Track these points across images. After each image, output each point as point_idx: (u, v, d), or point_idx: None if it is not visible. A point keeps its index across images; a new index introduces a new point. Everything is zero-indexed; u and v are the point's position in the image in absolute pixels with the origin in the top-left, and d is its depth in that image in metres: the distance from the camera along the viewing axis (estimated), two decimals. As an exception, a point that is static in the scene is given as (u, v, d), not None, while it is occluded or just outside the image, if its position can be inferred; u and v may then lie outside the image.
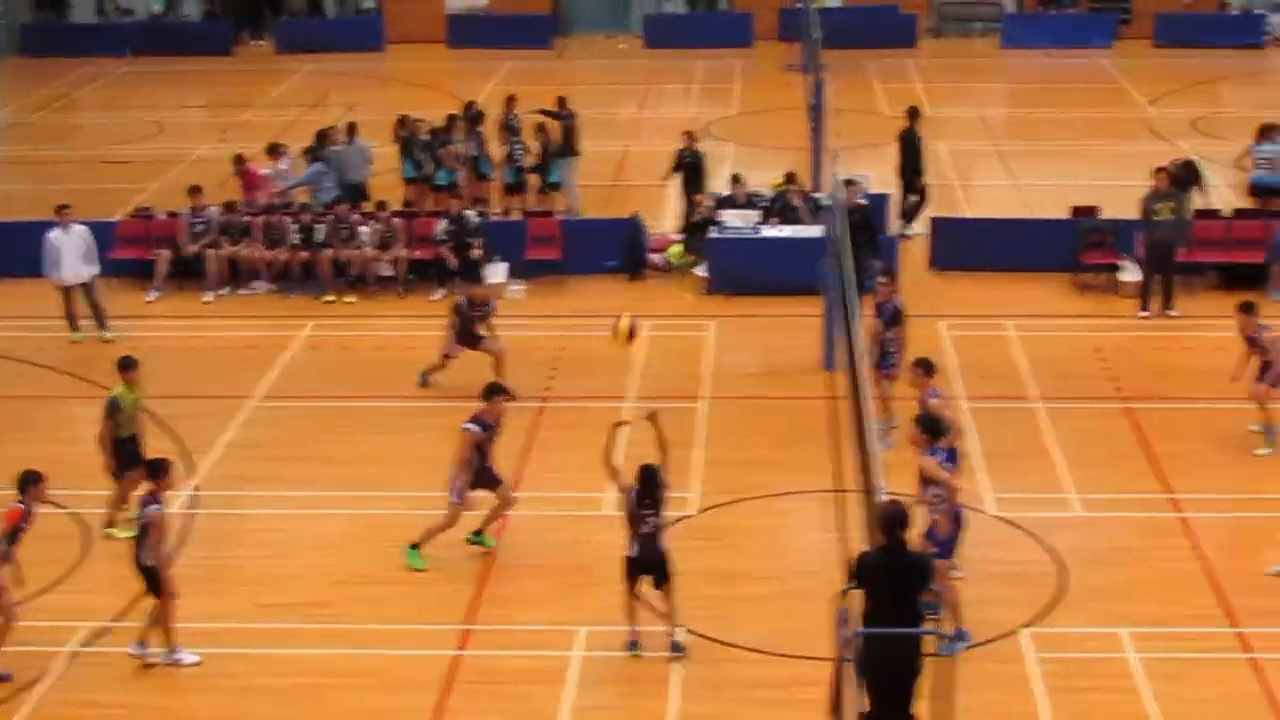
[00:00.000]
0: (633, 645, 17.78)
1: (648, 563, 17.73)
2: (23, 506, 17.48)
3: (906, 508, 14.23)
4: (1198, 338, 27.01)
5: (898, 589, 13.86)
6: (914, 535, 15.07)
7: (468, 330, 24.88)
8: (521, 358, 26.13)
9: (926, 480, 17.79)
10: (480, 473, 19.95)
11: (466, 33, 52.97)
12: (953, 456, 18.33)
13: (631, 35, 54.69)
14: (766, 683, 17.48)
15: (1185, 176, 31.18)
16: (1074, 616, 18.79)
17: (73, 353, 26.96)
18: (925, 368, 20.27)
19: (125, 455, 20.19)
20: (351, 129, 33.14)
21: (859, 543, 17.30)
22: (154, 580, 17.62)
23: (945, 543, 17.72)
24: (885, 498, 14.93)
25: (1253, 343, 22.67)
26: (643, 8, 55.18)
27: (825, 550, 20.04)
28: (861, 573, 14.06)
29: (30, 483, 17.62)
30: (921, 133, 32.80)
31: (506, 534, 20.69)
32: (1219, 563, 19.81)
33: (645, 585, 17.79)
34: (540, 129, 33.09)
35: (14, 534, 17.34)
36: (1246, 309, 22.93)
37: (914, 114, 33.03)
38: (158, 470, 18.11)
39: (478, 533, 20.21)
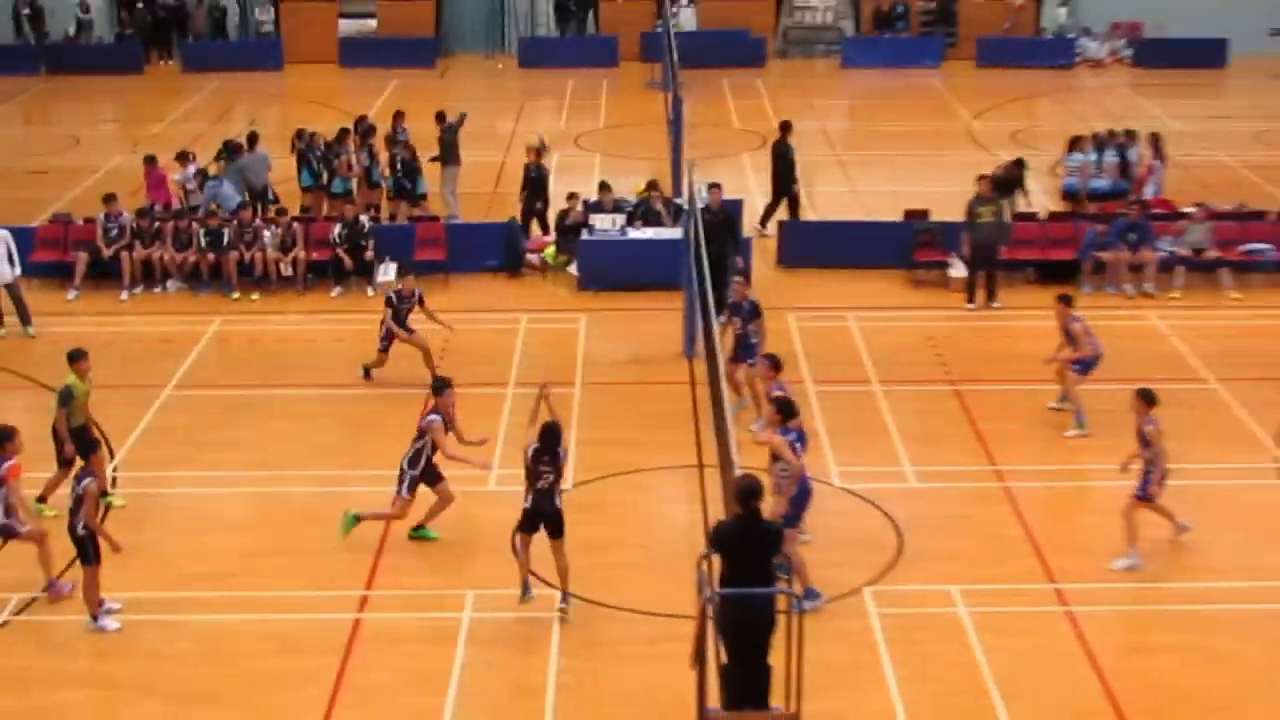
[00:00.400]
0: (526, 590, 17.85)
1: (541, 513, 17.74)
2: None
3: (759, 481, 14.37)
4: (1017, 327, 27.36)
5: (751, 554, 13.94)
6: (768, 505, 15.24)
7: (401, 321, 24.84)
8: (409, 349, 26.11)
9: (775, 457, 18.00)
10: (426, 468, 19.73)
11: (357, 53, 52.62)
12: (802, 437, 18.56)
13: (507, 55, 54.51)
14: (637, 639, 17.61)
15: (1011, 176, 31.70)
16: (910, 576, 19.02)
17: (-2, 347, 26.76)
18: (772, 363, 20.49)
19: (79, 443, 19.96)
20: (253, 139, 33.06)
21: (717, 513, 17.55)
22: (84, 549, 17.58)
23: (791, 513, 17.91)
24: (740, 472, 15.11)
25: (1066, 332, 23.10)
26: (517, 30, 55.03)
27: (687, 520, 20.23)
28: (719, 540, 14.18)
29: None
30: (793, 144, 33.01)
31: (400, 509, 20.74)
32: (1037, 527, 20.11)
33: (538, 537, 17.83)
34: (395, 144, 33.02)
35: None
36: (1064, 300, 23.37)
37: (786, 127, 33.21)
38: (92, 447, 18.14)
39: (418, 527, 19.96)
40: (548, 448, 17.72)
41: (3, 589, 18.37)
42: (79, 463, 18.69)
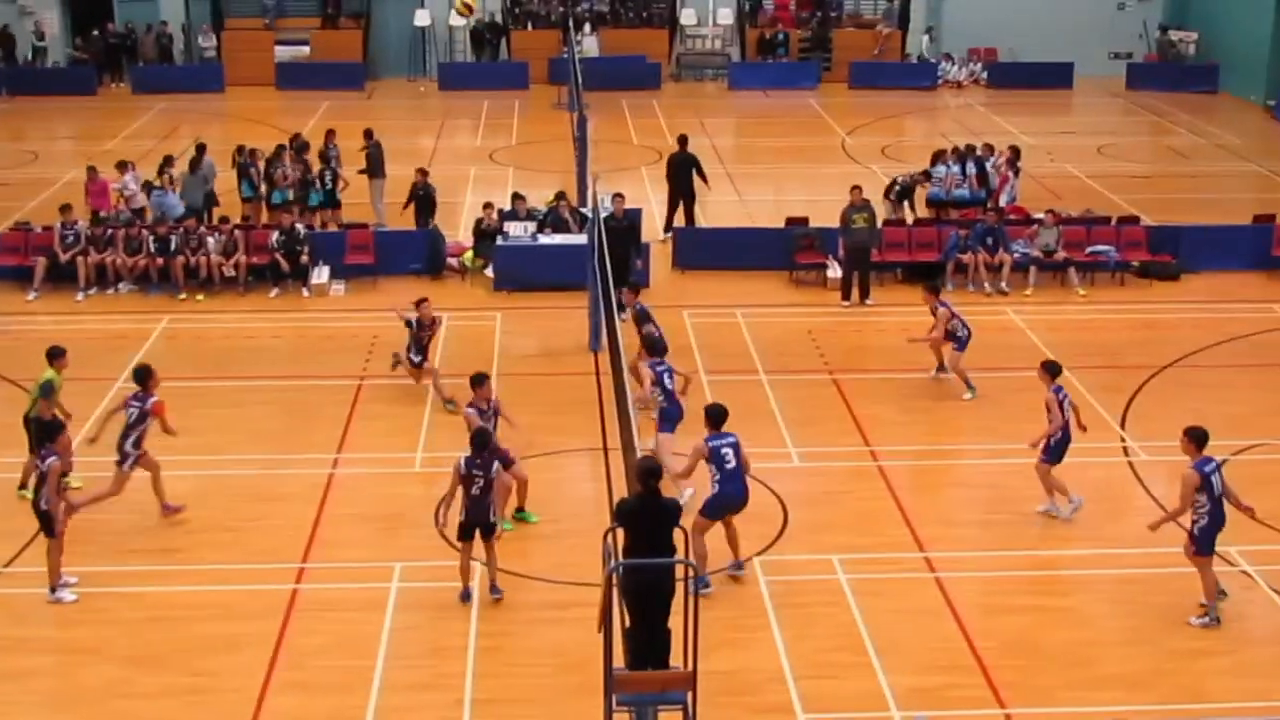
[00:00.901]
0: (466, 595, 17.48)
1: (476, 523, 17.36)
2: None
3: (657, 461, 14.28)
4: (888, 322, 27.37)
5: (652, 528, 13.87)
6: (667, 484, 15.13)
7: (421, 348, 23.42)
8: (342, 344, 25.89)
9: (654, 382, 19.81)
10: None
11: (292, 77, 52.20)
12: (670, 372, 20.16)
13: (429, 79, 54.26)
14: (549, 605, 17.47)
15: (911, 185, 32.09)
16: (794, 547, 18.97)
17: (-37, 344, 26.26)
18: (648, 348, 20.89)
19: (45, 431, 19.47)
20: (201, 150, 32.71)
21: (620, 490, 17.44)
22: (47, 523, 17.27)
23: (707, 509, 17.81)
24: (641, 454, 15.01)
25: (933, 313, 23.43)
26: (437, 56, 54.76)
27: (594, 497, 20.11)
28: (622, 515, 14.08)
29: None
30: (693, 154, 32.95)
31: (334, 489, 20.49)
32: (907, 501, 20.13)
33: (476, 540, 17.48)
34: (289, 158, 32.70)
35: None
36: (930, 289, 23.89)
37: (684, 141, 33.12)
38: (56, 430, 17.80)
39: (520, 510, 19.52)
40: (478, 454, 17.42)
41: (-33, 566, 18.02)
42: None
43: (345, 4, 54.82)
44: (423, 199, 31.94)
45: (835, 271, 29.28)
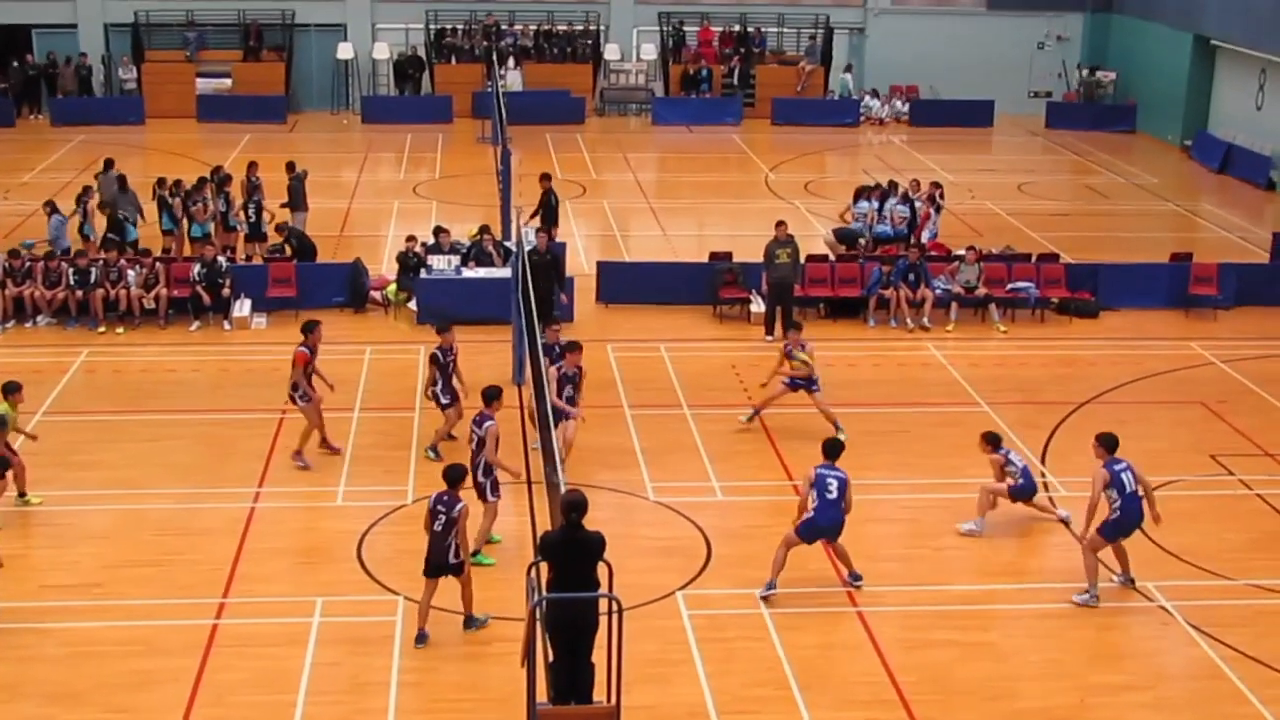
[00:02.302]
0: (420, 638, 17.26)
1: (434, 562, 17.20)
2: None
3: (583, 495, 14.30)
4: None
5: (575, 562, 13.91)
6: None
7: (448, 378, 22.81)
8: (263, 378, 25.77)
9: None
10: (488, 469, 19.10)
11: (213, 109, 51.90)
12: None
13: (352, 112, 54.16)
14: (472, 640, 17.40)
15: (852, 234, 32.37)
16: (718, 580, 19.04)
17: (-122, 377, 25.90)
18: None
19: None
20: (122, 180, 32.56)
21: (544, 524, 17.43)
22: None
23: None
24: (565, 487, 15.03)
25: (789, 355, 23.81)
26: (360, 89, 54.68)
27: (517, 531, 20.09)
28: (546, 549, 14.11)
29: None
30: (557, 191, 33.05)
31: (254, 523, 20.37)
32: (830, 535, 20.26)
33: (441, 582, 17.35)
34: (252, 191, 32.59)
35: None
36: (790, 325, 24.67)
37: (547, 177, 33.17)
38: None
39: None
40: (451, 487, 17.27)
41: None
42: None
43: (267, 36, 54.59)
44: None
45: (759, 306, 29.43)
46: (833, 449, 18.92)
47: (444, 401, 22.75)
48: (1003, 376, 26.85)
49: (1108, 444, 18.49)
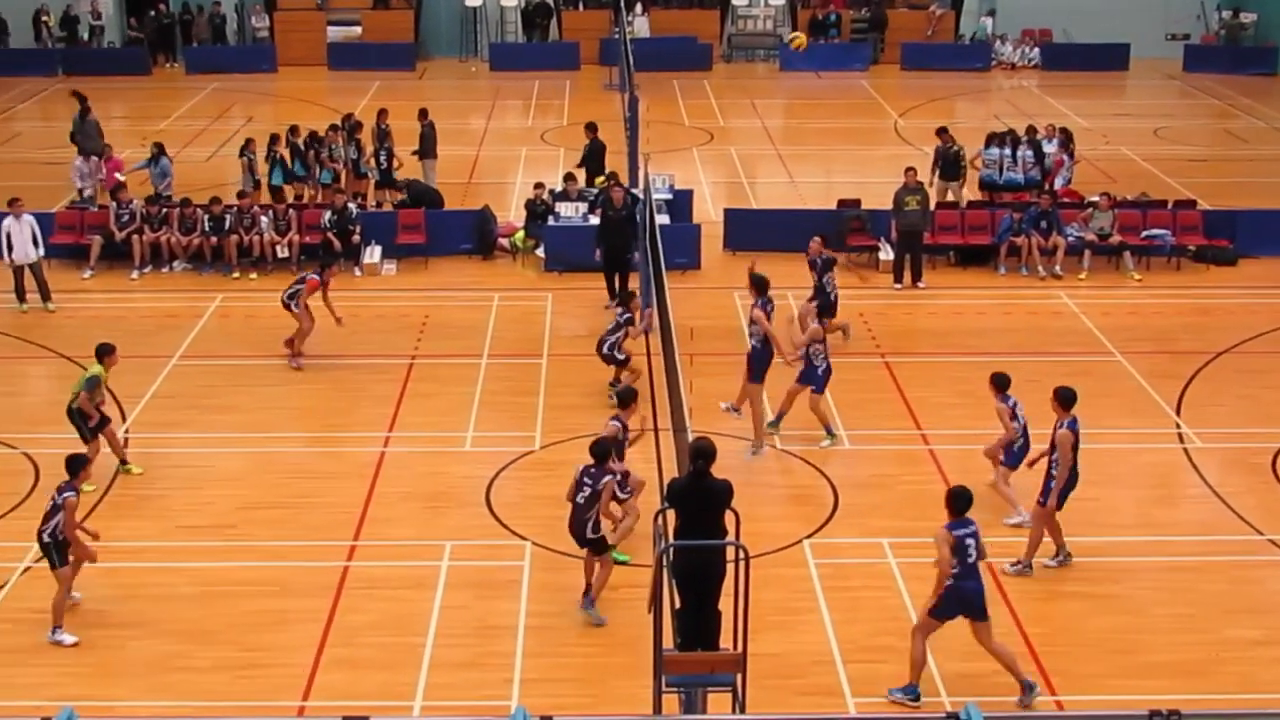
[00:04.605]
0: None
1: (573, 533, 17.08)
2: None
3: (711, 443, 14.26)
4: (940, 305, 27.33)
5: (703, 509, 13.88)
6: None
7: (611, 350, 22.76)
8: (394, 323, 26.02)
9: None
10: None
11: (344, 57, 52.27)
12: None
13: (479, 60, 54.32)
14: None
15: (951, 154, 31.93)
16: (844, 530, 18.99)
17: (20, 321, 26.39)
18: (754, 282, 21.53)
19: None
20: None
21: (671, 471, 17.46)
22: (52, 555, 16.72)
23: None
24: (692, 434, 15.02)
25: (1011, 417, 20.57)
26: (488, 37, 54.81)
27: (645, 477, 20.13)
28: (673, 496, 14.10)
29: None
30: (603, 141, 33.02)
31: (384, 467, 20.59)
32: (957, 483, 20.02)
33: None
34: (381, 138, 32.76)
35: None
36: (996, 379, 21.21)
37: (593, 127, 33.13)
38: (79, 464, 17.29)
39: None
40: (594, 464, 17.14)
41: (26, 538, 18.10)
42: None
43: (397, -16, 54.96)
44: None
45: (887, 254, 29.22)
46: (961, 500, 15.93)
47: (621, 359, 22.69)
48: (1136, 325, 26.48)
49: (1065, 400, 17.65)
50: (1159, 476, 20.48)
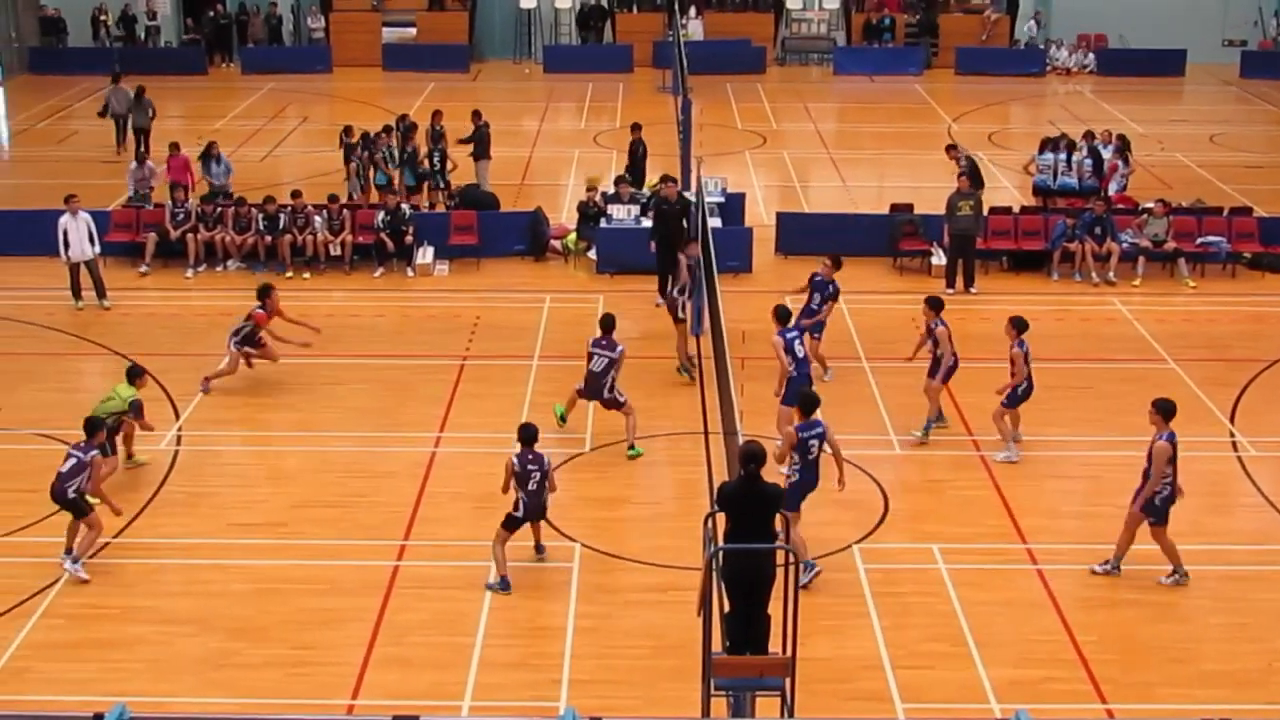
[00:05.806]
0: (503, 583, 17.41)
1: (529, 518, 17.68)
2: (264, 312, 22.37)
3: (761, 446, 14.21)
4: (992, 309, 27.10)
5: (753, 513, 13.82)
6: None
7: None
8: (445, 324, 26.06)
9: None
10: None
11: (398, 58, 52.50)
12: (801, 335, 21.24)
13: (534, 62, 54.42)
14: (647, 588, 17.51)
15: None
16: (894, 535, 18.92)
17: (76, 318, 26.56)
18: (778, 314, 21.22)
19: (95, 427, 19.26)
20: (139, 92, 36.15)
21: (721, 475, 17.42)
22: (78, 507, 17.70)
23: (789, 498, 17.33)
24: (743, 438, 14.97)
25: (928, 332, 21.71)
26: (542, 39, 54.92)
27: (694, 480, 20.11)
28: (723, 499, 14.06)
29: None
30: (644, 141, 33.05)
31: (435, 468, 20.63)
32: (1008, 490, 19.98)
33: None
34: (435, 139, 32.83)
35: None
36: (931, 303, 21.82)
37: (637, 128, 33.04)
38: (97, 426, 18.27)
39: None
40: (528, 450, 17.55)
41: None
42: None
43: (452, -14, 55.13)
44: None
45: (940, 259, 29.10)
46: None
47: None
48: (1191, 333, 26.28)
49: (1165, 411, 17.59)
50: (1213, 485, 20.31)
